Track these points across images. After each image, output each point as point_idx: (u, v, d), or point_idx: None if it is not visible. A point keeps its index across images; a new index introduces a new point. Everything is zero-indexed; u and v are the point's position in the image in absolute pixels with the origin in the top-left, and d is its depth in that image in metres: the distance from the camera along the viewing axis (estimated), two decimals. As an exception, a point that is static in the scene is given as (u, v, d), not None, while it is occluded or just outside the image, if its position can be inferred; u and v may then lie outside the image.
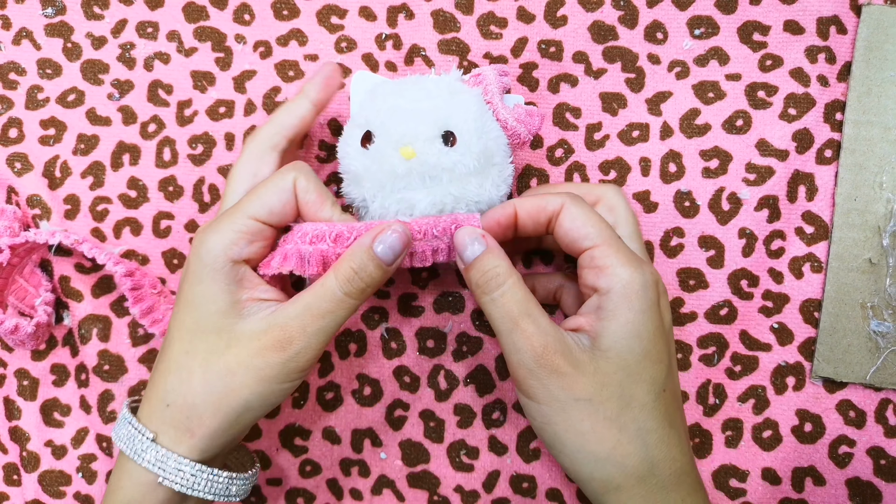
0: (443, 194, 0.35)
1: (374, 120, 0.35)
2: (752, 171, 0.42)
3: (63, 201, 0.43)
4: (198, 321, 0.34)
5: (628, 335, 0.33)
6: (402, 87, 0.36)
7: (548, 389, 0.32)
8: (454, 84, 0.36)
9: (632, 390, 0.33)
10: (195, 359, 0.33)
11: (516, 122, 0.36)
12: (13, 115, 0.44)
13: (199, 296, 0.34)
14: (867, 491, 0.41)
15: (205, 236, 0.34)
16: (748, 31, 0.42)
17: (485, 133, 0.35)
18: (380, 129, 0.35)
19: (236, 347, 0.33)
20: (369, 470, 0.43)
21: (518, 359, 0.33)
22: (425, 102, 0.35)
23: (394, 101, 0.35)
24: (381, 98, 0.36)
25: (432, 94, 0.35)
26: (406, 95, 0.35)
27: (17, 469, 0.44)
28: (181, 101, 0.44)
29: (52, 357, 0.44)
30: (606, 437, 0.32)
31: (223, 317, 0.33)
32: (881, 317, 0.41)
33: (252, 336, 0.33)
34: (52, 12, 0.44)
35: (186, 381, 0.33)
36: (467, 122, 0.35)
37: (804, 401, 0.42)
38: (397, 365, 0.43)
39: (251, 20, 0.44)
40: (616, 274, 0.33)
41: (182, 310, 0.34)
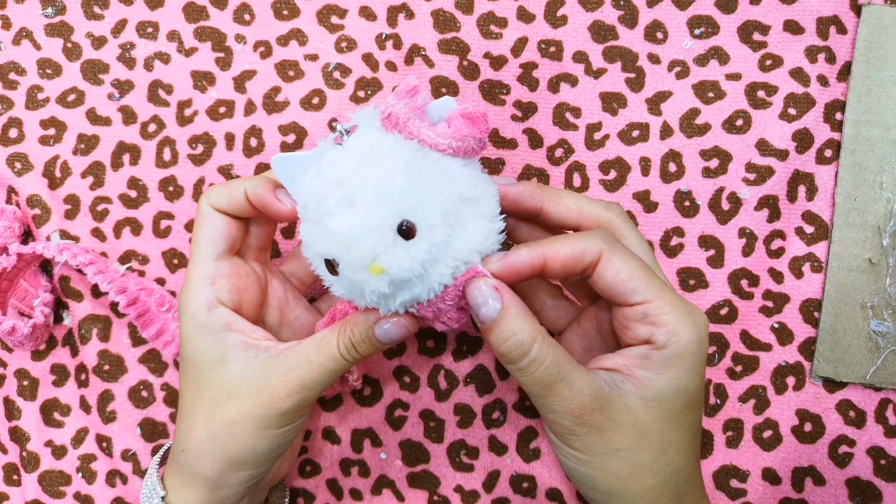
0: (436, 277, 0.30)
1: (321, 247, 0.30)
2: (752, 170, 0.42)
3: (63, 201, 0.43)
4: (197, 373, 0.34)
5: (676, 391, 0.32)
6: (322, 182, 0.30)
7: (586, 443, 0.32)
8: (372, 150, 0.30)
9: (671, 437, 0.32)
10: (201, 408, 0.34)
11: (458, 140, 0.31)
12: (13, 115, 0.44)
13: (193, 352, 0.34)
14: (867, 491, 0.41)
15: (180, 298, 0.35)
16: (748, 31, 0.42)
17: (434, 188, 0.30)
18: (334, 257, 0.30)
19: (237, 397, 0.33)
20: (369, 470, 0.43)
21: (556, 419, 0.32)
22: (357, 205, 0.29)
23: (328, 219, 0.30)
24: (311, 210, 0.31)
25: (357, 183, 0.29)
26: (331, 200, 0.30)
27: (16, 469, 0.44)
28: (181, 101, 0.44)
29: (51, 357, 0.44)
30: (643, 481, 0.32)
31: (220, 366, 0.34)
32: (881, 317, 0.41)
33: (251, 386, 0.33)
34: (52, 12, 0.44)
35: (194, 429, 0.34)
36: (410, 194, 0.29)
37: (804, 401, 0.42)
38: (397, 365, 0.43)
39: (251, 20, 0.44)
40: (675, 332, 0.31)
41: (184, 364, 0.35)
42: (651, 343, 0.32)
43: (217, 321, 0.34)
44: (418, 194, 0.29)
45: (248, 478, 0.35)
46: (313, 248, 0.31)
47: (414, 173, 0.29)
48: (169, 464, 0.36)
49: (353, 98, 0.43)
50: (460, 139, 0.30)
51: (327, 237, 0.30)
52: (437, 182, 0.30)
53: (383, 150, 0.30)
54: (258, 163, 0.43)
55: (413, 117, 0.30)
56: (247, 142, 0.43)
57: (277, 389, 0.33)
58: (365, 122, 0.31)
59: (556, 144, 0.43)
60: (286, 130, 0.43)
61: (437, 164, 0.30)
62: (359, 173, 0.30)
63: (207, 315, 0.34)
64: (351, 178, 0.30)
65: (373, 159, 0.30)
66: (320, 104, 0.43)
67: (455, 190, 0.30)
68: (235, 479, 0.34)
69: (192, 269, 0.35)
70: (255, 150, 0.43)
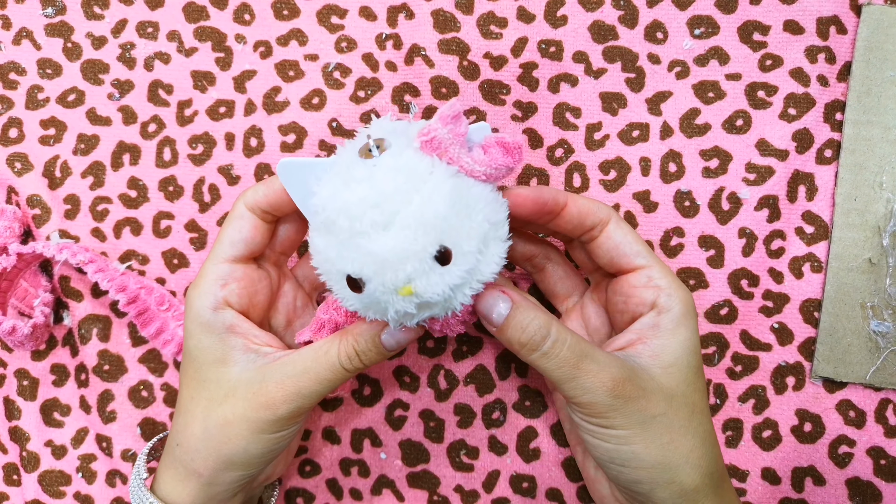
0: (459, 298, 0.31)
1: (348, 264, 0.29)
2: (752, 170, 0.42)
3: (63, 201, 0.43)
4: (197, 371, 0.35)
5: (688, 351, 0.34)
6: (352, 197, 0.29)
7: (626, 416, 0.32)
8: (410, 171, 0.29)
9: (693, 398, 0.34)
10: (198, 405, 0.35)
11: (493, 168, 0.31)
12: (13, 115, 0.44)
13: (195, 349, 0.35)
14: (867, 491, 0.41)
15: (189, 295, 0.35)
16: (748, 31, 0.42)
17: (472, 215, 0.30)
18: (363, 276, 0.29)
19: (233, 398, 0.34)
20: (369, 470, 0.43)
21: (590, 398, 0.32)
22: (394, 228, 0.29)
23: (360, 239, 0.29)
24: (338, 226, 0.29)
25: (394, 205, 0.29)
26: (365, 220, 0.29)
27: (16, 469, 0.44)
28: (181, 101, 0.44)
29: (51, 357, 0.44)
30: (683, 444, 0.33)
31: (220, 366, 0.34)
32: (881, 317, 0.41)
33: (248, 389, 0.34)
34: (52, 12, 0.44)
35: (190, 426, 0.35)
36: (451, 223, 0.29)
37: (804, 401, 0.42)
38: (397, 365, 0.43)
39: (251, 20, 0.44)
40: (675, 294, 0.34)
41: (185, 360, 0.36)
42: (657, 307, 0.34)
43: (222, 322, 0.34)
44: (458, 221, 0.29)
45: (240, 478, 0.35)
46: (337, 263, 0.30)
47: (456, 200, 0.29)
48: (164, 456, 0.36)
49: (353, 98, 0.43)
50: (495, 168, 0.31)
51: (360, 256, 0.29)
52: (473, 208, 0.30)
53: (422, 173, 0.30)
54: (258, 163, 0.43)
55: (455, 143, 0.30)
56: (247, 142, 0.43)
57: (273, 395, 0.33)
58: (399, 140, 0.30)
59: (556, 144, 0.43)
60: (286, 130, 0.43)
61: (472, 191, 0.30)
62: (398, 196, 0.29)
63: (213, 315, 0.34)
64: (391, 200, 0.29)
65: (413, 182, 0.29)
66: (320, 104, 0.43)
67: (486, 216, 0.30)
68: (227, 477, 0.35)
69: (206, 267, 0.35)
70: (255, 150, 0.43)
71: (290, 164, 0.32)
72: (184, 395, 0.35)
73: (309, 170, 0.32)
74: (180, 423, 0.35)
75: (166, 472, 0.36)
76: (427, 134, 0.30)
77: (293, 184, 0.32)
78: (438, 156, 0.30)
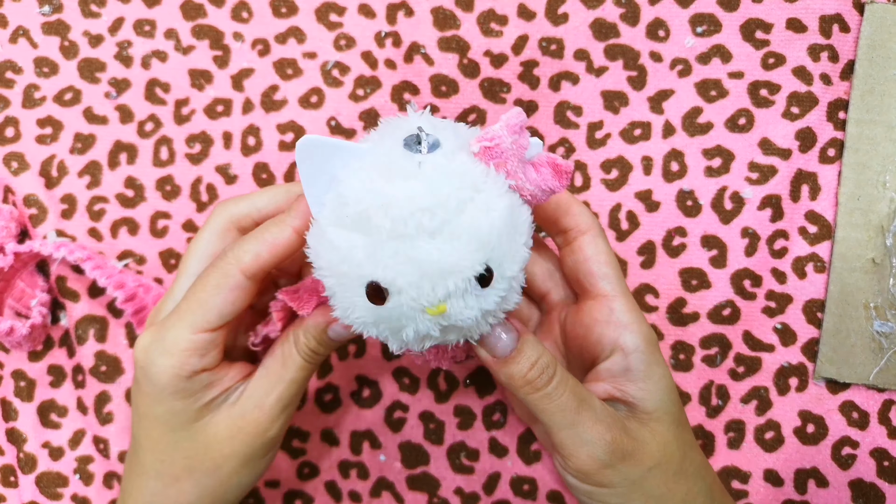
0: (482, 327, 0.29)
1: (376, 270, 0.26)
2: (754, 170, 0.42)
3: (60, 201, 0.43)
4: (167, 433, 0.32)
5: (667, 390, 0.32)
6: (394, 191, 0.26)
7: (622, 473, 0.31)
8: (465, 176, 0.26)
9: (683, 436, 0.33)
10: (175, 465, 0.32)
11: (541, 190, 0.28)
12: (9, 114, 0.43)
13: (164, 414, 0.31)
14: (870, 493, 0.41)
15: (152, 356, 0.31)
16: (751, 29, 0.42)
17: (517, 238, 0.27)
18: (392, 286, 0.26)
19: (217, 445, 0.32)
20: (368, 472, 0.43)
21: (588, 452, 0.30)
22: (441, 237, 0.26)
23: (401, 243, 0.26)
24: (373, 225, 0.26)
25: (445, 213, 0.26)
26: (410, 224, 0.25)
27: (14, 471, 0.44)
28: (179, 100, 0.43)
29: (48, 358, 0.44)
30: (678, 490, 0.32)
31: (194, 422, 0.32)
32: (884, 317, 0.40)
33: (229, 430, 0.32)
34: (48, 10, 0.44)
35: (173, 485, 0.32)
36: (500, 244, 0.26)
37: (807, 402, 0.41)
38: (396, 366, 0.43)
39: (249, 18, 0.43)
40: (640, 331, 0.32)
41: (146, 423, 0.32)
42: (622, 349, 0.32)
43: (199, 383, 0.31)
44: (507, 241, 0.27)
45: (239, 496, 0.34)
46: (365, 268, 0.26)
47: (509, 218, 0.27)
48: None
49: (351, 96, 0.43)
50: (543, 189, 0.28)
51: (397, 264, 0.25)
52: (518, 230, 0.27)
53: (478, 181, 0.26)
54: (256, 162, 0.43)
55: (516, 156, 0.27)
56: (245, 140, 0.43)
57: (259, 421, 0.32)
58: (449, 139, 0.27)
59: (557, 143, 0.42)
60: (284, 129, 0.43)
61: (519, 213, 0.28)
62: (452, 202, 0.26)
63: (187, 382, 0.31)
64: (444, 205, 0.25)
65: (468, 190, 0.26)
66: (319, 102, 0.43)
67: (527, 241, 0.28)
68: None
69: (180, 328, 0.30)
70: (253, 149, 0.43)
71: (313, 142, 0.27)
72: (148, 459, 0.32)
73: (333, 152, 0.27)
74: (156, 486, 0.32)
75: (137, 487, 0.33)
76: (491, 140, 0.27)
77: (313, 165, 0.27)
78: (496, 166, 0.27)
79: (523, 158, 0.28)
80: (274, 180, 0.43)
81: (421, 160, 0.26)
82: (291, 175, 0.43)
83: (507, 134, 0.27)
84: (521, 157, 0.27)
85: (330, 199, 0.27)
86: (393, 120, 0.28)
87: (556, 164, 0.28)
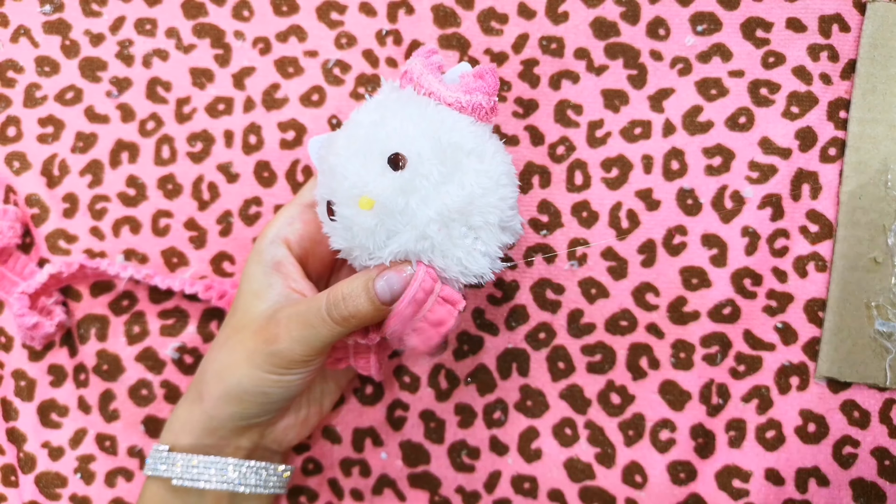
0: (424, 221, 0.30)
1: (324, 189, 0.32)
2: (755, 168, 0.42)
3: (62, 200, 0.43)
4: (237, 298, 0.36)
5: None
6: (336, 134, 0.33)
7: None
8: (382, 100, 0.32)
9: None
10: (224, 332, 0.36)
11: (467, 94, 0.31)
12: (11, 114, 0.44)
13: (243, 277, 0.36)
14: (871, 492, 0.41)
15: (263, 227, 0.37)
16: (751, 28, 0.42)
17: (432, 129, 0.30)
18: (331, 194, 0.31)
19: (247, 328, 0.35)
20: (370, 470, 0.43)
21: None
22: (357, 142, 0.31)
23: (332, 158, 0.32)
24: (322, 159, 0.33)
25: (361, 126, 0.31)
26: (339, 143, 0.32)
27: (14, 470, 0.44)
28: (180, 99, 0.43)
29: (49, 357, 0.44)
30: None
31: (253, 297, 0.35)
32: (886, 316, 0.40)
33: (257, 320, 0.35)
34: (49, 9, 0.44)
35: (212, 349, 0.37)
36: (406, 131, 0.30)
37: (808, 401, 0.41)
38: (397, 364, 0.43)
39: (250, 16, 0.43)
40: None
41: (238, 291, 0.37)
42: None
43: (272, 256, 0.35)
44: (413, 132, 0.30)
45: (234, 415, 0.35)
46: (319, 192, 0.33)
47: (413, 115, 0.31)
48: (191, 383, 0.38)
49: (353, 95, 0.43)
50: (468, 93, 0.31)
51: (327, 175, 0.32)
52: (438, 128, 0.30)
53: (392, 100, 0.32)
54: (258, 160, 0.43)
55: (426, 73, 0.32)
56: (246, 139, 0.43)
57: (273, 331, 0.33)
58: (386, 86, 0.33)
59: (557, 142, 0.42)
60: (286, 127, 0.43)
61: (442, 114, 0.31)
62: (364, 116, 0.32)
63: (268, 246, 0.36)
64: (357, 121, 0.32)
65: (379, 105, 0.32)
66: (320, 101, 0.43)
67: (455, 137, 0.30)
68: (224, 411, 0.35)
69: (285, 206, 0.37)
70: (255, 148, 0.43)
71: (317, 140, 0.34)
72: (223, 325, 0.37)
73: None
74: (210, 349, 0.37)
75: (184, 396, 0.37)
76: (404, 72, 0.33)
77: (318, 157, 0.34)
78: (414, 88, 0.32)
79: (437, 74, 0.32)
80: (275, 178, 0.43)
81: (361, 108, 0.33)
82: (293, 173, 0.43)
83: (415, 58, 0.33)
84: (433, 73, 0.32)
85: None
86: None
87: (478, 72, 0.32)
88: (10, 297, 0.42)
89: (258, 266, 0.36)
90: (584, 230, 0.42)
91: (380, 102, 0.32)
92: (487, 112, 0.32)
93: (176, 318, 0.43)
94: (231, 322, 0.36)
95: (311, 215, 0.36)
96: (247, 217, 0.43)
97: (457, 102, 0.31)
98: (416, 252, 0.31)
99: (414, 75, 0.32)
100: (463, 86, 0.32)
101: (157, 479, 0.36)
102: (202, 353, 0.43)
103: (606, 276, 0.42)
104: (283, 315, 0.34)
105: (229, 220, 0.43)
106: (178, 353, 0.43)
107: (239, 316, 0.36)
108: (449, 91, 0.32)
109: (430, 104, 0.31)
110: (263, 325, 0.34)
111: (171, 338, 0.43)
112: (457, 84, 0.32)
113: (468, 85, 0.32)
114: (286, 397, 0.36)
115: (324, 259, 0.37)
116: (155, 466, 0.36)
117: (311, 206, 0.36)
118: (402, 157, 0.30)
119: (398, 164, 0.30)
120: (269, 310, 0.35)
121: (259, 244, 0.36)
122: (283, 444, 0.39)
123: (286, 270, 0.36)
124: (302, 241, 0.36)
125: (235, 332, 0.35)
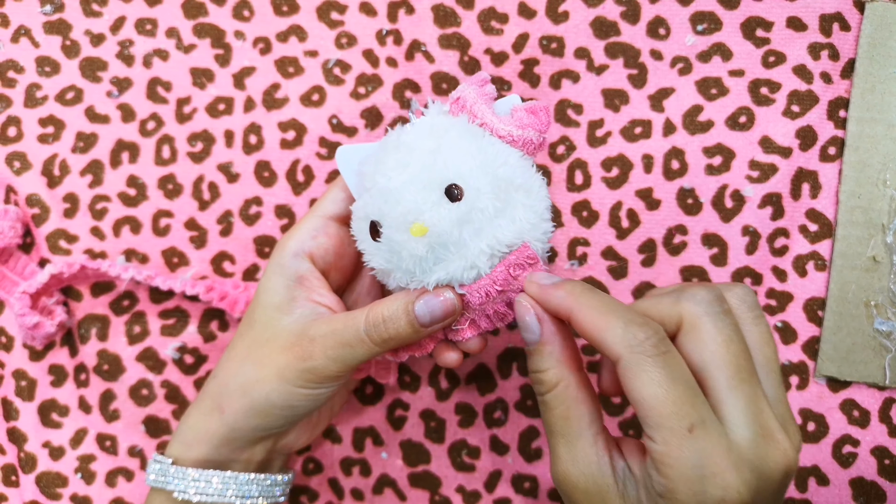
0: (475, 253, 0.30)
1: (370, 208, 0.31)
2: (755, 168, 0.42)
3: (62, 200, 0.43)
4: (255, 311, 0.35)
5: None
6: (384, 153, 0.32)
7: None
8: (435, 125, 0.32)
9: None
10: (243, 343, 0.35)
11: (519, 129, 0.32)
12: (12, 114, 0.44)
13: (262, 288, 0.35)
14: (871, 491, 0.41)
15: (282, 237, 0.36)
16: (751, 27, 0.42)
17: (488, 163, 0.31)
18: (380, 216, 0.31)
19: (273, 342, 0.34)
20: (370, 469, 0.43)
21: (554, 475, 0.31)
22: (412, 168, 0.31)
23: (381, 179, 0.31)
24: (368, 177, 0.32)
25: (415, 151, 0.31)
26: (389, 164, 0.31)
27: (15, 470, 0.44)
28: (180, 99, 0.43)
29: (49, 357, 0.44)
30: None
31: (275, 310, 0.35)
32: (885, 315, 0.40)
33: (287, 336, 0.34)
34: (50, 10, 0.44)
35: (230, 361, 0.36)
36: (464, 162, 0.30)
37: (808, 400, 0.41)
38: (397, 364, 0.43)
39: (250, 16, 0.44)
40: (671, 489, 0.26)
41: (253, 299, 0.36)
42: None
43: (295, 270, 0.35)
44: (471, 164, 0.30)
45: (257, 427, 0.35)
46: (363, 210, 0.32)
47: (471, 145, 0.31)
48: (200, 391, 0.37)
49: (353, 94, 0.43)
50: (521, 128, 0.32)
51: (376, 197, 0.31)
52: (492, 160, 0.31)
53: (445, 125, 0.32)
54: (258, 160, 0.43)
55: (480, 102, 0.32)
56: (246, 139, 0.43)
57: (309, 348, 0.33)
58: (434, 109, 0.33)
59: (557, 141, 0.42)
60: (286, 127, 0.43)
61: (494, 146, 0.31)
62: (419, 142, 0.31)
63: (291, 259, 0.35)
64: (410, 145, 0.31)
65: (434, 131, 0.31)
66: (320, 100, 0.43)
67: (508, 172, 0.31)
68: (246, 423, 0.35)
69: (305, 217, 0.36)
70: (255, 148, 0.43)
71: (346, 150, 0.34)
72: (236, 335, 0.36)
73: (361, 154, 0.34)
74: (222, 359, 0.36)
75: (196, 406, 0.36)
76: (454, 95, 0.32)
77: (348, 168, 0.34)
78: (469, 116, 0.32)
79: (490, 105, 0.32)
80: (276, 178, 0.43)
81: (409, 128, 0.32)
82: (293, 173, 0.43)
83: (468, 86, 0.32)
84: (487, 103, 0.32)
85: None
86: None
87: (531, 108, 0.32)
88: (10, 297, 0.42)
89: (280, 279, 0.35)
90: (585, 230, 0.42)
91: (432, 128, 0.32)
92: (536, 147, 0.33)
93: (176, 318, 0.43)
94: (250, 334, 0.35)
95: (336, 229, 0.36)
96: (247, 217, 0.43)
97: (509, 136, 0.32)
98: (461, 280, 0.31)
99: (468, 104, 0.32)
100: (516, 120, 0.32)
101: (161, 491, 0.36)
102: (202, 353, 0.43)
103: (607, 276, 0.42)
104: (317, 333, 0.33)
105: (230, 219, 0.43)
106: (179, 353, 0.43)
107: (259, 330, 0.35)
108: (502, 124, 0.32)
109: (485, 136, 0.32)
110: (294, 342, 0.33)
111: (172, 338, 0.43)
112: (508, 117, 0.32)
113: (521, 120, 0.32)
114: (312, 409, 0.36)
115: (345, 271, 0.37)
116: (164, 480, 0.35)
117: (334, 219, 0.36)
118: (459, 188, 0.30)
119: (454, 196, 0.30)
120: (295, 324, 0.34)
121: (280, 257, 0.35)
122: (293, 449, 0.39)
123: (310, 284, 0.35)
124: (326, 256, 0.35)
125: (259, 346, 0.34)
